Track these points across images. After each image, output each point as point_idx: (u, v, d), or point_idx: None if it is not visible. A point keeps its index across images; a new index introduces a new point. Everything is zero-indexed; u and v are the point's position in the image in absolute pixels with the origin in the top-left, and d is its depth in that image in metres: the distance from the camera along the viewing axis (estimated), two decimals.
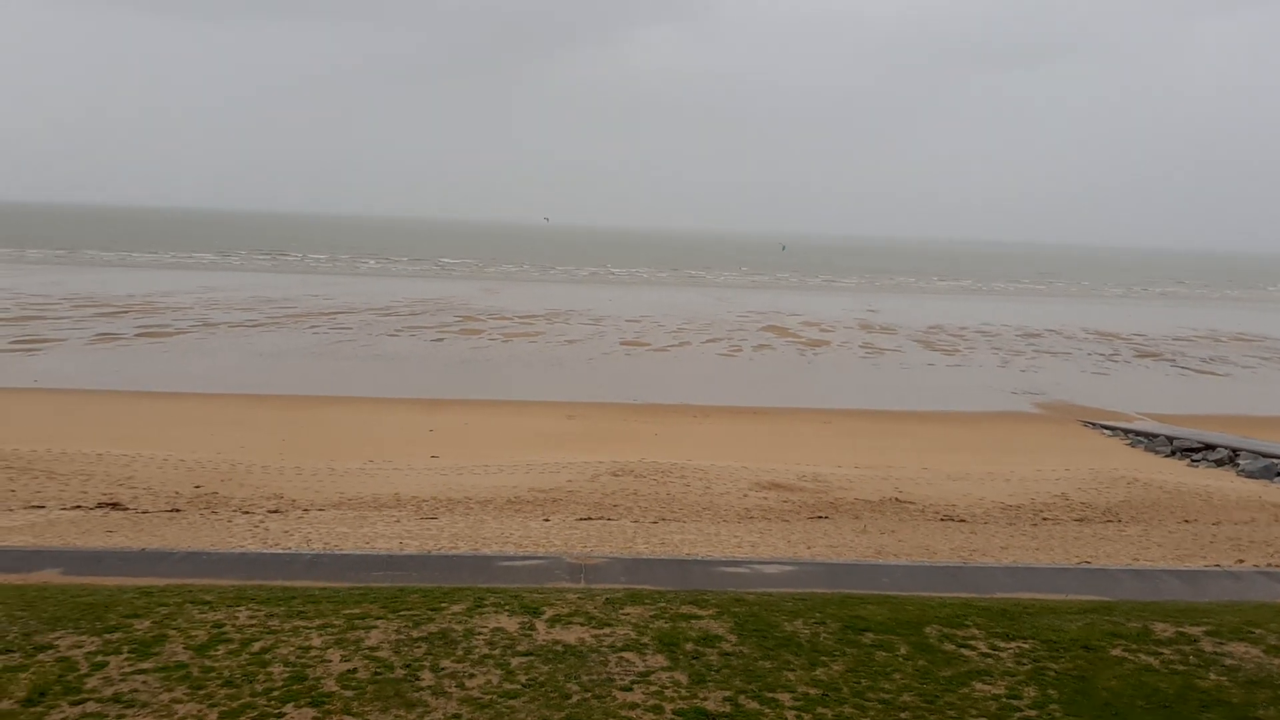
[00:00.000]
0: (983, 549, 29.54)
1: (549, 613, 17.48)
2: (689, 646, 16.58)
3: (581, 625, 17.03)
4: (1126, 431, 54.17)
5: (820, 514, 33.93)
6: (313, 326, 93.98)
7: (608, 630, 16.88)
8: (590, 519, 32.39)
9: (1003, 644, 18.03)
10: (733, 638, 17.13)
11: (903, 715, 15.26)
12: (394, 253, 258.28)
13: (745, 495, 36.22)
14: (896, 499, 36.30)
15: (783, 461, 42.96)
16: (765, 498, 35.99)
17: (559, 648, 16.06)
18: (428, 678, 14.74)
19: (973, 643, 18.03)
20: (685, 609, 18.27)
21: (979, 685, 16.38)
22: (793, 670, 16.14)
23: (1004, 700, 15.93)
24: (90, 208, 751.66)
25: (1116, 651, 17.92)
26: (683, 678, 15.51)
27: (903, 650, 17.43)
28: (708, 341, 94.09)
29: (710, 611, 18.27)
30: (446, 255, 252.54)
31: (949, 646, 17.79)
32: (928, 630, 18.43)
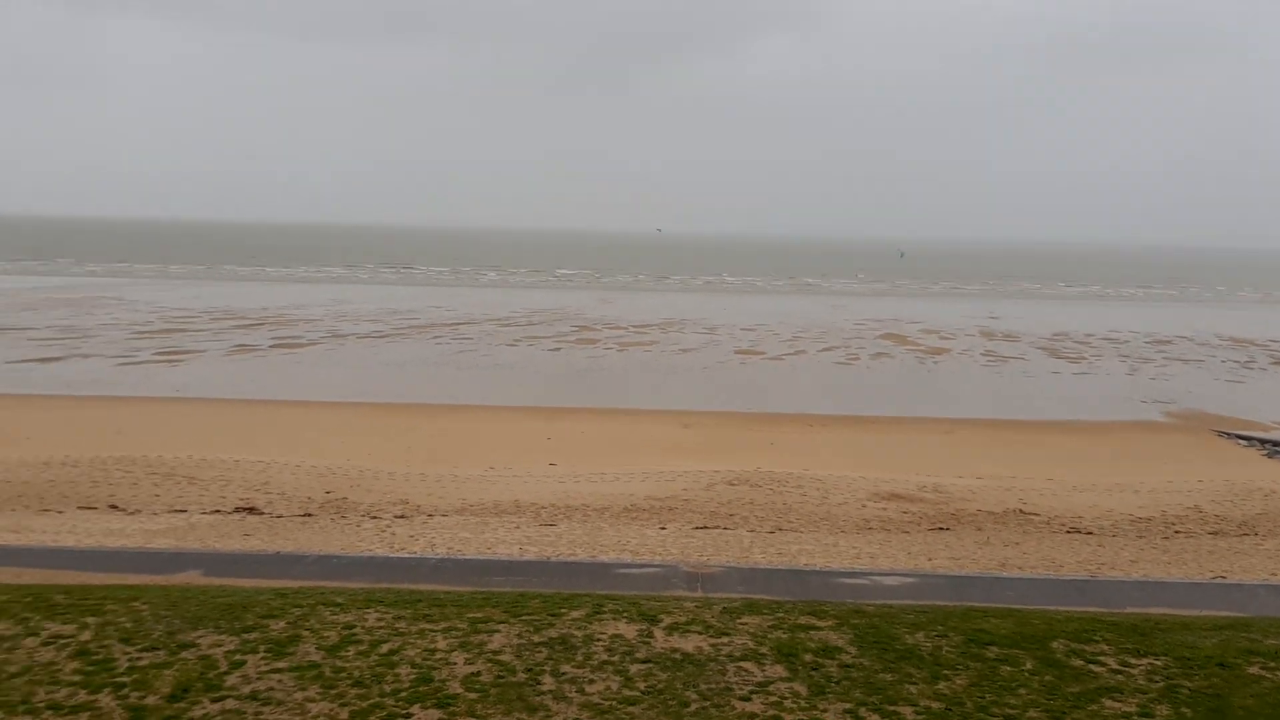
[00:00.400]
0: (1111, 562, 28.61)
1: (666, 621, 17.62)
2: (808, 657, 16.52)
3: (699, 634, 17.12)
4: (1263, 442, 51.80)
5: (941, 525, 33.32)
6: (435, 337, 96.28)
7: (725, 639, 16.94)
8: (706, 528, 32.46)
9: (1134, 660, 17.47)
10: (853, 649, 16.99)
11: None
12: (513, 265, 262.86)
13: (864, 506, 35.81)
14: (1020, 510, 35.40)
15: (902, 472, 42.32)
16: (884, 508, 35.52)
17: (677, 655, 16.18)
18: (549, 682, 15.02)
19: (1102, 658, 17.52)
20: (804, 619, 18.19)
21: (1109, 702, 15.91)
22: (914, 684, 15.93)
23: (1135, 718, 15.45)
24: (229, 225, 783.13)
25: (1253, 669, 17.20)
26: (802, 689, 15.47)
27: (1028, 665, 17.05)
28: (823, 350, 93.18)
29: (829, 623, 18.16)
30: (563, 266, 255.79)
31: (1077, 662, 17.32)
32: (1054, 645, 17.97)
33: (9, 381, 64.65)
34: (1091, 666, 17.23)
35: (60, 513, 33.93)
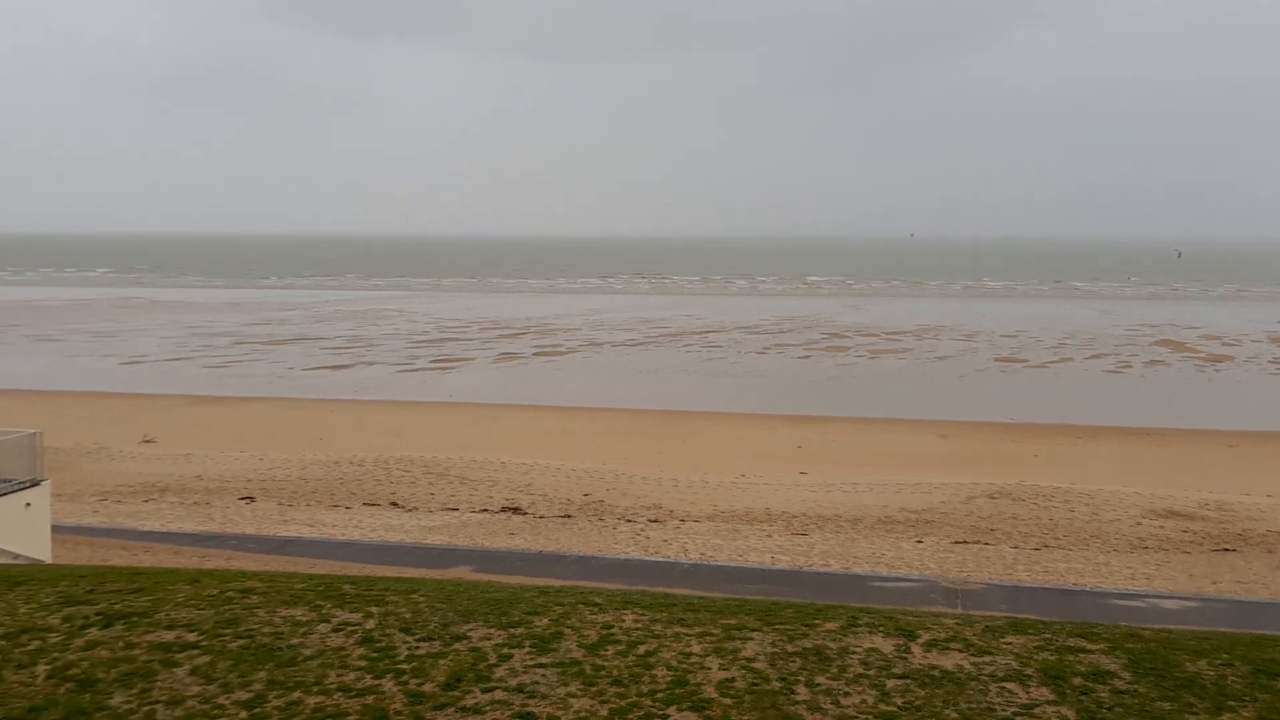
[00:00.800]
0: None
1: (925, 636, 17.15)
2: (1077, 681, 15.66)
3: (959, 651, 16.57)
4: None
5: (1226, 546, 30.75)
6: (686, 345, 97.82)
7: (988, 659, 16.32)
8: (966, 542, 31.36)
9: None
10: (1126, 675, 15.98)
11: None
12: (763, 272, 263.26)
13: (1138, 523, 33.55)
14: None
15: (1180, 488, 39.31)
16: (1161, 526, 33.14)
17: (936, 673, 15.73)
18: (803, 692, 14.95)
19: None
20: (1072, 641, 17.26)
21: None
22: (1195, 714, 14.80)
23: None
24: (494, 240, 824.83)
25: None
26: (1070, 714, 14.69)
27: None
28: (1091, 357, 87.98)
29: (1100, 645, 17.14)
30: (813, 273, 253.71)
31: None
32: None
33: (306, 386, 70.85)
34: None
35: (348, 508, 36.83)
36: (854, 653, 16.36)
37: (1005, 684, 15.46)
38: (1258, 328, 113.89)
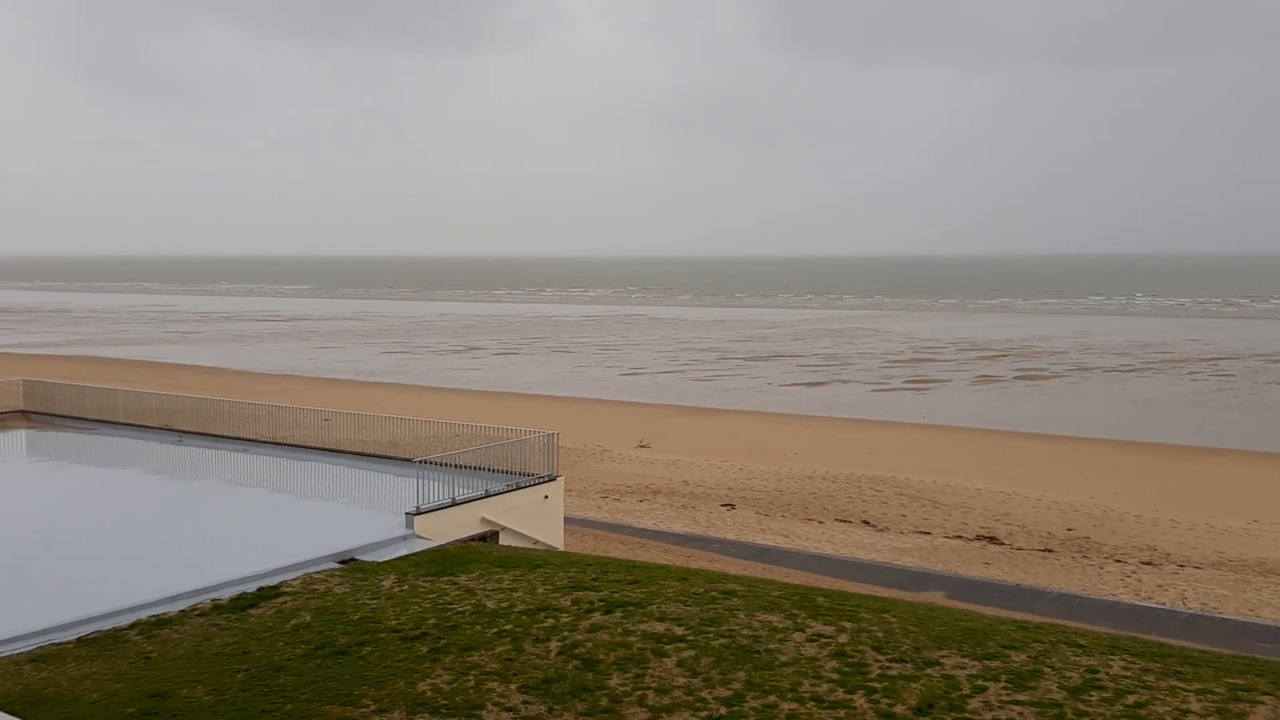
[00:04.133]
0: None
1: None
2: None
3: None
4: None
5: None
6: (1191, 373, 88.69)
7: None
8: None
9: None
10: None
11: None
12: (1263, 290, 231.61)
13: None
14: None
15: None
16: None
17: None
18: None
19: None
20: None
21: None
22: None
23: None
24: (991, 258, 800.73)
25: None
26: None
27: None
28: None
29: None
30: None
31: None
32: None
33: (783, 402, 73.42)
34: None
35: (821, 523, 37.73)
36: None
37: None
38: None
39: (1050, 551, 33.55)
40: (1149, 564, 31.96)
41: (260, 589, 20.04)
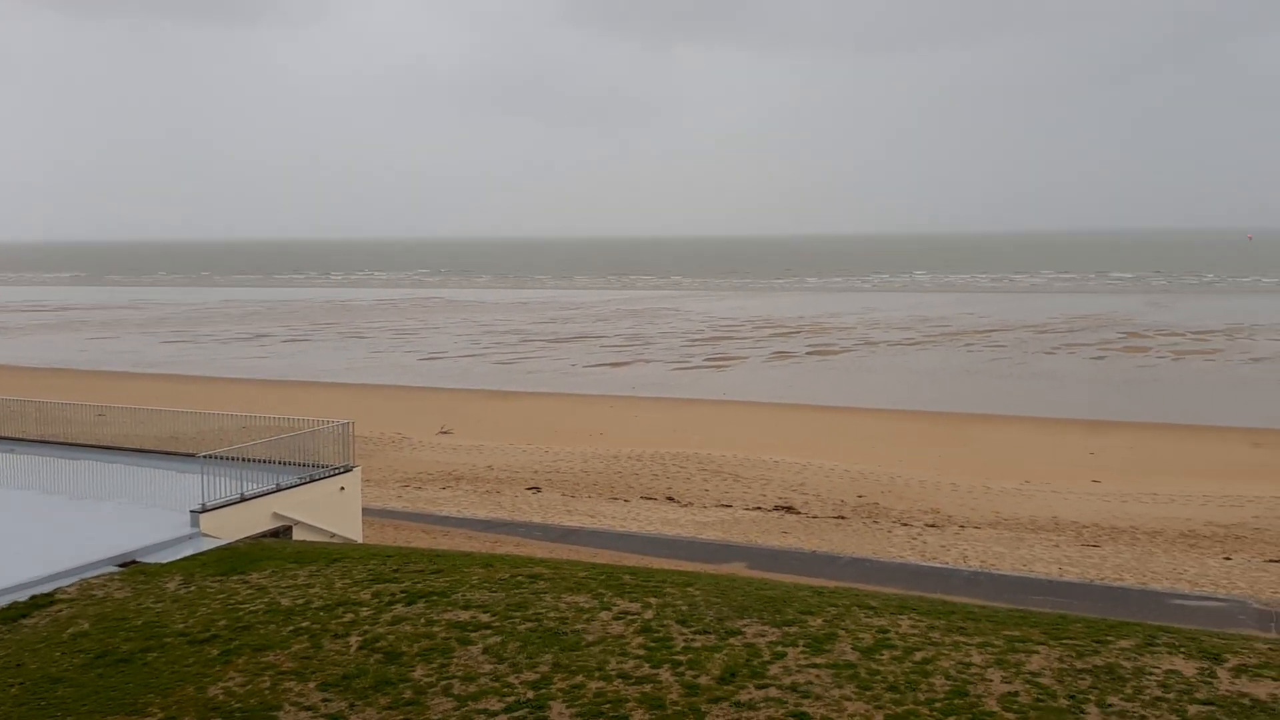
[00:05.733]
0: None
1: (1232, 661, 15.77)
2: None
3: (1273, 679, 15.14)
4: None
5: None
6: (968, 344, 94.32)
7: None
8: None
9: None
10: None
11: None
12: (1052, 267, 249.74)
13: None
14: None
15: None
16: None
17: (1245, 701, 14.44)
18: (1094, 713, 14.13)
19: None
20: None
21: None
22: None
23: None
24: (800, 238, 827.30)
25: None
26: None
27: None
28: None
29: None
30: (1115, 269, 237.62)
31: None
32: None
33: (587, 383, 73.74)
34: None
35: (626, 501, 38.07)
36: (1151, 674, 15.31)
37: None
38: None
39: (843, 518, 34.95)
40: (933, 526, 33.74)
41: (33, 597, 18.60)
